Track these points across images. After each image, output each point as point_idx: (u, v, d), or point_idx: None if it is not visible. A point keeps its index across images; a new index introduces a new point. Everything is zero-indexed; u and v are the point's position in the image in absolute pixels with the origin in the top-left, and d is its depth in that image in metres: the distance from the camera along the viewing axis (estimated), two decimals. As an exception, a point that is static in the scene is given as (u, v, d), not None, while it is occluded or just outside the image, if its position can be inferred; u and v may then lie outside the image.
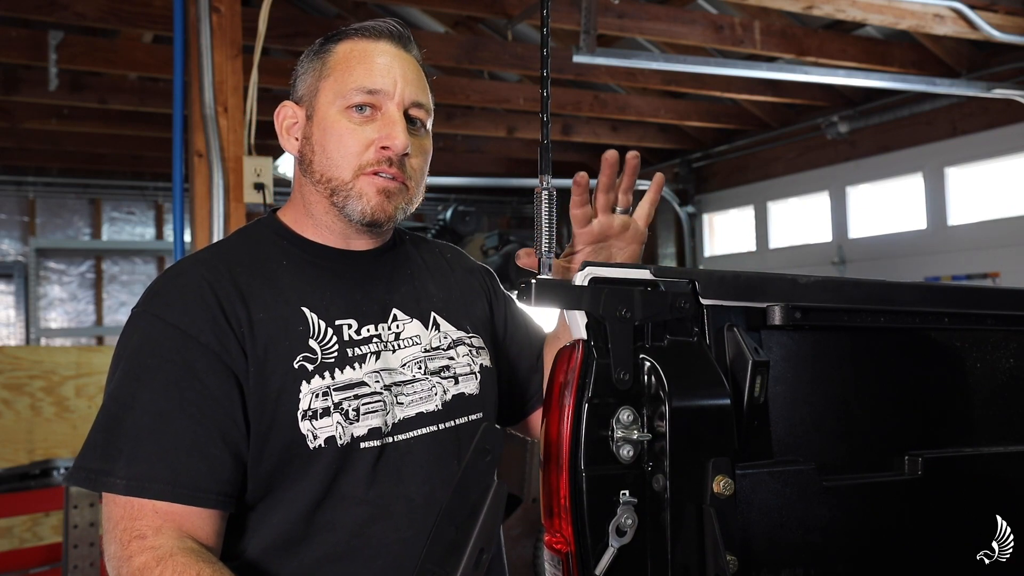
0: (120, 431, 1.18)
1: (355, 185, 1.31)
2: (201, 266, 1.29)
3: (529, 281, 1.09)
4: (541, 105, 1.21)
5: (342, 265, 1.36)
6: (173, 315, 1.23)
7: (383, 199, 1.31)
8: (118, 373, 1.23)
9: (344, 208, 1.32)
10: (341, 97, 1.32)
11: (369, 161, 1.30)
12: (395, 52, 1.35)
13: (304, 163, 1.36)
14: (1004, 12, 5.32)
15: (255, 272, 1.31)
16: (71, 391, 5.11)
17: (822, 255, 7.74)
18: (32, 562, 4.01)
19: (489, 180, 8.73)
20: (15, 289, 9.24)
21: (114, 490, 1.16)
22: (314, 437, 1.23)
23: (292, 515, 1.24)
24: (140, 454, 1.16)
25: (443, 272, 1.49)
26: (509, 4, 5.67)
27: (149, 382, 1.20)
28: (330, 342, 1.29)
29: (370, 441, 1.27)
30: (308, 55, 1.39)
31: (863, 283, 1.24)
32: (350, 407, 1.26)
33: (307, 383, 1.24)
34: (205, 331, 1.22)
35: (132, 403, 1.19)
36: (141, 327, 1.24)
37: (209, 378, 1.20)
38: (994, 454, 1.29)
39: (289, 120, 1.39)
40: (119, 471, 1.16)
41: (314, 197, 1.35)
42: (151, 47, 5.88)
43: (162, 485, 1.15)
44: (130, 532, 1.15)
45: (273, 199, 3.44)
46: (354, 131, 1.31)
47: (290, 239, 1.37)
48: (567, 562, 1.04)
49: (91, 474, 1.18)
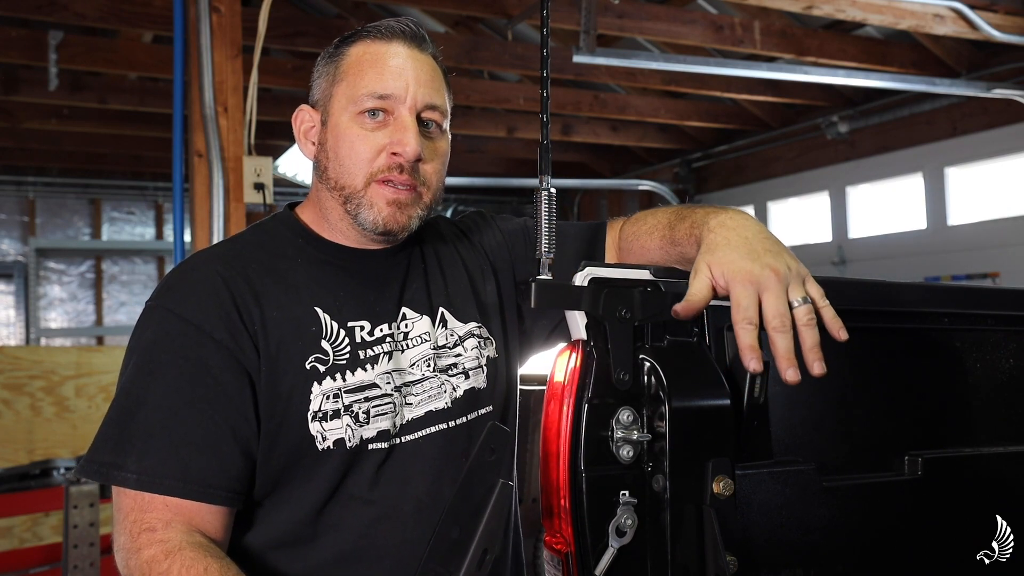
0: (132, 425, 1.18)
1: (367, 194, 1.30)
2: (216, 262, 1.29)
3: (529, 282, 1.09)
4: (541, 105, 1.21)
5: (357, 264, 1.36)
6: (187, 310, 1.23)
7: (394, 210, 1.30)
8: (131, 366, 1.23)
9: (357, 217, 1.31)
10: (353, 102, 1.30)
11: (380, 168, 1.29)
12: (408, 53, 1.32)
13: (320, 169, 1.35)
14: (1004, 12, 5.31)
15: (269, 270, 1.30)
16: (71, 391, 5.10)
17: (822, 255, 7.73)
18: (32, 562, 4.01)
19: (489, 180, 8.72)
20: (15, 289, 9.24)
21: (126, 484, 1.16)
22: (323, 439, 1.23)
23: (298, 514, 1.24)
24: (152, 449, 1.17)
25: (454, 262, 1.47)
26: (509, 4, 5.66)
27: (162, 377, 1.20)
28: (342, 343, 1.28)
29: (378, 443, 1.27)
30: (323, 58, 1.38)
31: (863, 283, 1.24)
32: (360, 409, 1.26)
33: (318, 384, 1.25)
34: (219, 327, 1.22)
35: (145, 397, 1.19)
36: (155, 321, 1.24)
37: (222, 374, 1.21)
38: (994, 454, 1.28)
39: (306, 124, 1.38)
40: (131, 465, 1.16)
41: (329, 203, 1.34)
42: (151, 47, 5.87)
43: (173, 481, 1.16)
44: (140, 524, 1.15)
45: (273, 199, 3.44)
46: (366, 137, 1.29)
47: (306, 237, 1.36)
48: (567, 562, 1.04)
49: (103, 467, 1.18)
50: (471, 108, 7.76)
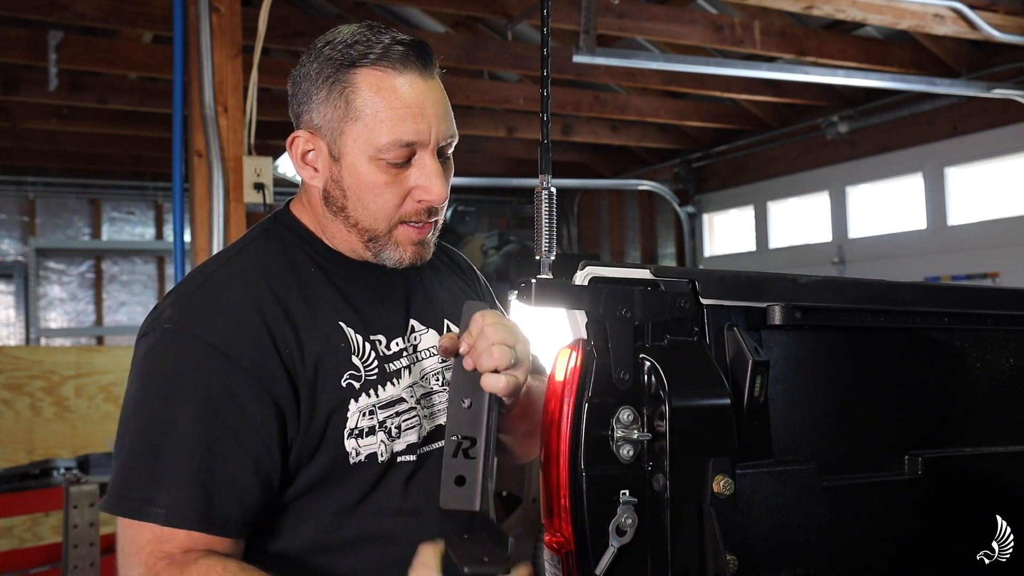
0: (161, 458, 1.16)
1: (392, 236, 1.29)
2: (238, 280, 1.24)
3: (529, 281, 1.09)
4: (541, 105, 1.21)
5: (365, 277, 1.33)
6: (213, 336, 1.18)
7: (419, 248, 1.31)
8: (152, 393, 1.19)
9: (379, 255, 1.30)
10: (376, 149, 1.23)
11: (407, 214, 1.28)
12: (424, 85, 1.25)
13: (330, 201, 1.29)
14: (1004, 12, 5.31)
15: (291, 283, 1.26)
16: (71, 391, 5.10)
17: (822, 255, 7.73)
18: (32, 562, 4.01)
19: (489, 180, 8.71)
20: (15, 289, 9.23)
21: (154, 520, 1.14)
22: (357, 454, 1.23)
23: (323, 523, 1.24)
24: (180, 483, 1.15)
25: (447, 276, 1.49)
26: (509, 4, 5.66)
27: (188, 406, 1.16)
28: (369, 357, 1.28)
29: (407, 456, 1.28)
30: (321, 80, 1.25)
31: (863, 283, 1.24)
32: (392, 424, 1.27)
33: (355, 402, 1.24)
34: (248, 354, 1.18)
35: (171, 429, 1.16)
36: (178, 347, 1.19)
37: (249, 405, 1.17)
38: (994, 454, 1.29)
39: (305, 148, 1.29)
40: (161, 500, 1.14)
41: (341, 234, 1.31)
42: (151, 47, 5.87)
43: (197, 516, 1.14)
44: (157, 555, 1.14)
45: (273, 199, 3.44)
46: (390, 184, 1.25)
47: (313, 245, 1.33)
48: (567, 561, 1.04)
49: (133, 503, 1.15)
50: (471, 108, 7.76)
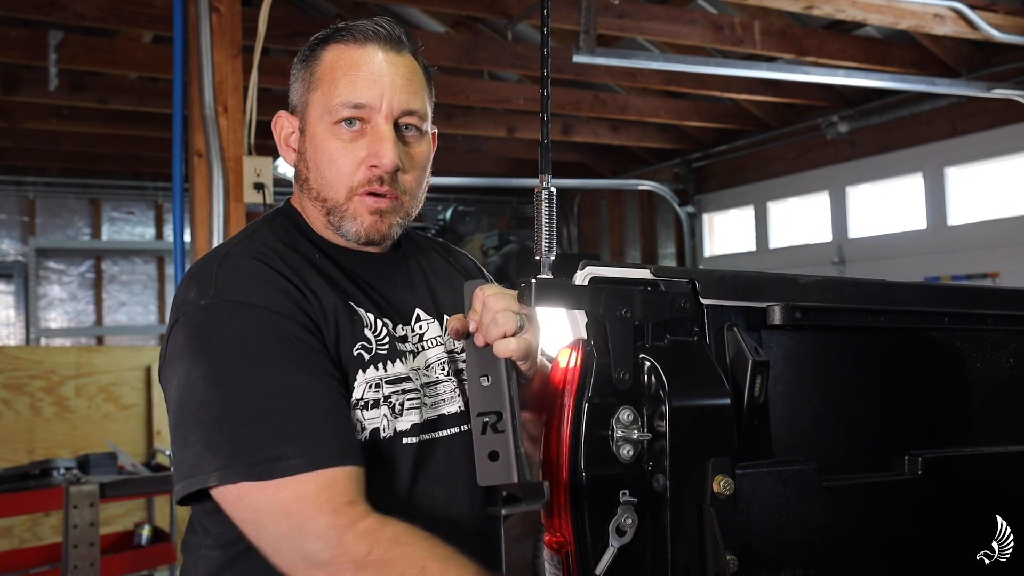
0: (268, 417, 1.14)
1: (349, 207, 1.31)
2: (255, 256, 1.26)
3: (529, 281, 1.09)
4: (541, 105, 1.21)
5: (365, 266, 1.36)
6: (257, 299, 1.20)
7: (376, 219, 1.31)
8: (227, 364, 1.17)
9: (340, 228, 1.32)
10: (328, 112, 1.29)
11: (361, 182, 1.29)
12: (384, 57, 1.30)
13: (301, 178, 1.35)
14: (1004, 12, 5.31)
15: (302, 263, 1.29)
16: (71, 391, 5.10)
17: (822, 255, 7.73)
18: (32, 562, 4.01)
19: (489, 180, 8.72)
20: (15, 289, 9.22)
21: (295, 471, 1.10)
22: (361, 428, 1.23)
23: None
24: (301, 432, 1.13)
25: (448, 273, 1.50)
26: (509, 4, 5.66)
27: (268, 363, 1.16)
28: (381, 333, 1.29)
29: (410, 437, 1.27)
30: (298, 61, 1.36)
31: (863, 283, 1.24)
32: (397, 401, 1.27)
33: (363, 372, 1.25)
34: (293, 310, 1.21)
35: (263, 387, 1.15)
36: (227, 315, 1.19)
37: (315, 345, 1.20)
38: (994, 454, 1.29)
39: (286, 131, 1.38)
40: (290, 452, 1.11)
41: (312, 211, 1.35)
42: (151, 47, 5.87)
43: (335, 453, 1.13)
44: (335, 500, 1.10)
45: (273, 199, 3.44)
46: (344, 150, 1.29)
47: (312, 238, 1.36)
48: (567, 561, 1.04)
49: (255, 467, 1.10)
50: (471, 108, 7.75)
